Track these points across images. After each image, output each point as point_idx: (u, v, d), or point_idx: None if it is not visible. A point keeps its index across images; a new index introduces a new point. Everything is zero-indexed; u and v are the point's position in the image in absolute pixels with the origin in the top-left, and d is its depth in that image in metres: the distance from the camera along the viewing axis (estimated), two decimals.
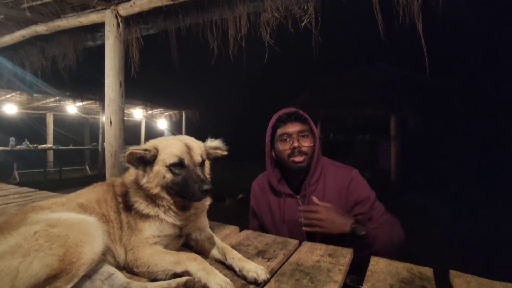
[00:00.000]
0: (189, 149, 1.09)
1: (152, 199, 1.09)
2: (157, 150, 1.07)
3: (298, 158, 1.64)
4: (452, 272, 1.05)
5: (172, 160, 1.05)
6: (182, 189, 1.04)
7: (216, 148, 1.21)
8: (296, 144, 1.64)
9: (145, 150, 1.05)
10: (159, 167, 1.05)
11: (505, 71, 10.95)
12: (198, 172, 1.06)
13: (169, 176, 1.05)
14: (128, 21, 3.58)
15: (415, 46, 2.82)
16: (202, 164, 1.11)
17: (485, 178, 8.83)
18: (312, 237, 1.64)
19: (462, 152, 9.82)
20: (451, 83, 11.04)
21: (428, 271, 1.09)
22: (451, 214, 6.18)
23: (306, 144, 1.67)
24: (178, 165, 1.05)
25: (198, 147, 1.13)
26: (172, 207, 1.09)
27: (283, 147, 1.68)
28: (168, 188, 1.06)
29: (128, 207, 1.10)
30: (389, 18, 2.77)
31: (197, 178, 1.03)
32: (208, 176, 1.16)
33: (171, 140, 1.11)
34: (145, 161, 1.06)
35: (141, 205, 1.08)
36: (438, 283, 1.01)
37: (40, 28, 3.86)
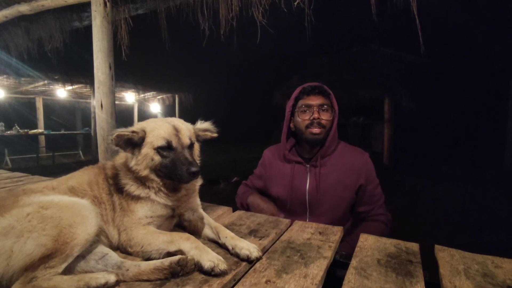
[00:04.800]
0: (177, 131, 1.08)
1: (142, 181, 1.09)
2: (144, 132, 1.06)
3: (316, 130, 1.69)
4: (437, 247, 1.10)
5: (160, 142, 1.05)
6: (170, 171, 1.04)
7: (205, 130, 1.21)
8: (316, 115, 1.69)
9: (133, 132, 1.04)
10: (147, 150, 1.05)
11: (499, 53, 10.95)
12: (186, 154, 1.06)
13: (157, 158, 1.05)
14: (116, 0, 3.45)
15: (410, 27, 2.79)
16: (190, 146, 1.11)
17: (475, 159, 9.03)
18: (314, 208, 1.72)
19: (454, 134, 9.97)
20: (445, 65, 11.03)
21: (414, 246, 1.13)
22: (441, 194, 6.34)
23: (325, 117, 1.71)
24: (166, 148, 1.05)
25: (186, 129, 1.12)
26: (162, 188, 1.10)
27: (303, 118, 1.74)
28: (156, 170, 1.07)
29: (120, 189, 1.11)
30: None
31: (185, 160, 1.03)
32: (197, 158, 1.16)
33: (159, 122, 1.11)
34: (133, 144, 1.06)
35: (132, 187, 1.09)
36: (424, 257, 1.05)
37: (23, 8, 3.70)
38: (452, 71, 10.78)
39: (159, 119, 1.14)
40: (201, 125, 1.20)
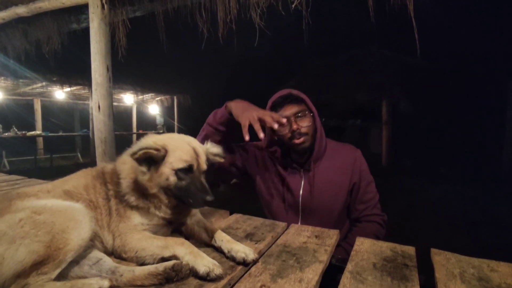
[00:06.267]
0: (197, 155, 1.07)
1: (145, 194, 1.07)
2: (166, 151, 1.03)
3: (299, 140, 1.64)
4: (433, 250, 1.09)
5: (181, 165, 1.02)
6: (184, 194, 1.03)
7: (216, 154, 1.20)
8: (295, 126, 1.63)
9: (157, 150, 1.01)
10: (165, 169, 1.02)
11: (496, 55, 11.00)
12: (203, 180, 1.05)
13: (173, 179, 1.03)
14: (113, 3, 3.46)
15: (408, 29, 2.80)
16: (205, 171, 1.10)
17: (473, 160, 9.05)
18: (307, 213, 1.71)
19: (452, 136, 9.99)
20: (443, 67, 11.06)
21: (410, 250, 1.13)
22: (439, 196, 6.35)
23: (304, 124, 1.65)
24: (185, 170, 1.03)
25: (203, 154, 1.11)
26: (163, 206, 1.08)
27: (283, 131, 1.67)
28: (166, 189, 1.04)
29: (118, 195, 1.09)
30: (380, 0, 2.73)
31: (202, 187, 1.02)
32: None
33: (179, 142, 1.08)
34: (152, 160, 1.03)
35: (132, 197, 1.07)
36: (420, 260, 1.05)
37: (21, 10, 3.70)
38: (450, 73, 10.81)
39: (177, 138, 1.12)
40: (213, 149, 1.19)
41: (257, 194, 1.91)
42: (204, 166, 1.08)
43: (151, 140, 1.06)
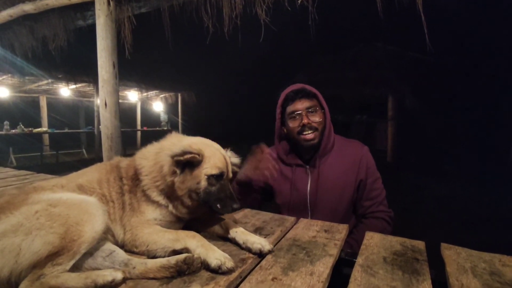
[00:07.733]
0: (227, 163, 1.10)
1: (168, 194, 1.08)
2: (202, 156, 1.05)
3: (309, 136, 1.66)
4: (443, 245, 1.09)
5: (214, 171, 1.05)
6: (211, 199, 1.04)
7: (234, 164, 1.22)
8: (305, 120, 1.65)
9: (198, 155, 1.03)
10: (199, 173, 1.04)
11: (504, 50, 10.84)
12: (230, 188, 1.08)
13: (204, 184, 1.04)
14: None
15: (414, 25, 2.77)
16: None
17: (480, 156, 8.96)
18: (315, 210, 1.71)
19: (458, 132, 9.90)
20: (449, 62, 10.93)
21: (420, 244, 1.13)
22: (445, 192, 6.31)
23: (316, 119, 1.68)
24: (217, 177, 1.06)
25: (230, 163, 1.14)
26: (182, 207, 1.10)
27: (293, 125, 1.70)
28: (193, 193, 1.05)
29: (133, 190, 1.10)
30: None
31: (230, 194, 1.05)
32: None
33: (213, 148, 1.11)
34: (189, 164, 1.04)
35: (153, 193, 1.08)
36: (430, 255, 1.05)
37: (28, 7, 3.72)
38: (457, 69, 10.69)
39: (210, 144, 1.14)
40: (233, 158, 1.21)
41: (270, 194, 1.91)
42: (231, 174, 1.12)
43: (187, 143, 1.08)
